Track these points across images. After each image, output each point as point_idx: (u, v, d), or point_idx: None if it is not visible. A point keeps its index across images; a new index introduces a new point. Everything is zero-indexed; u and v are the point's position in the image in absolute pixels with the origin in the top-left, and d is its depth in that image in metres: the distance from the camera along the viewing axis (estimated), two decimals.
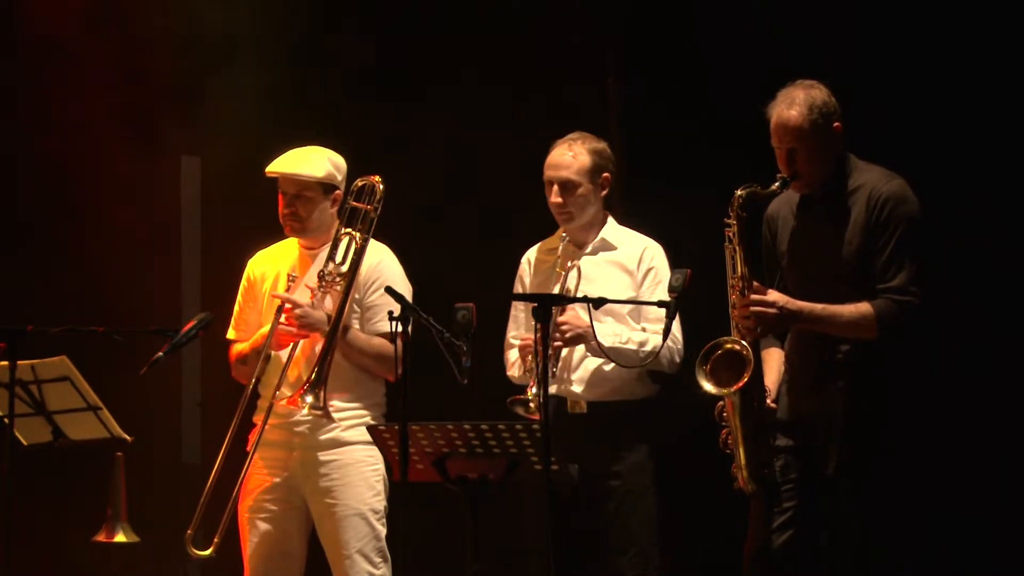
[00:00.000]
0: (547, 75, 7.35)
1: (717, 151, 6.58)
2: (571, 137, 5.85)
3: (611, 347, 5.60)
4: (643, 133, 7.18)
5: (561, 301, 5.53)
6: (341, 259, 5.72)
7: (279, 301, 5.71)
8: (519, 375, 5.81)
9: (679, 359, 5.73)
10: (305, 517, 5.80)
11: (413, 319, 5.08)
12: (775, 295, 5.24)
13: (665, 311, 5.50)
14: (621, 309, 5.72)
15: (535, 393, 5.53)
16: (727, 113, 6.33)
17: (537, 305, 5.11)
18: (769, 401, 5.32)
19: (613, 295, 5.48)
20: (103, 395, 5.87)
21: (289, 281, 5.78)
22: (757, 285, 5.25)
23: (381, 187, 5.75)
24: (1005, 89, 6.56)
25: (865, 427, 5.17)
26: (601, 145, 5.86)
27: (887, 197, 5.20)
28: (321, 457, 5.74)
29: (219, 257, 7.35)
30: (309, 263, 5.85)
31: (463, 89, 7.43)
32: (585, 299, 5.26)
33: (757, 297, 5.22)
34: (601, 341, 5.55)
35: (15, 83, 7.56)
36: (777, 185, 5.28)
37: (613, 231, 5.90)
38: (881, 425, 5.17)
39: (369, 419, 5.74)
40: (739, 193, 5.27)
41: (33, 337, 5.66)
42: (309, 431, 5.74)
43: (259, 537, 5.77)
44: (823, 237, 5.28)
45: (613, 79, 7.38)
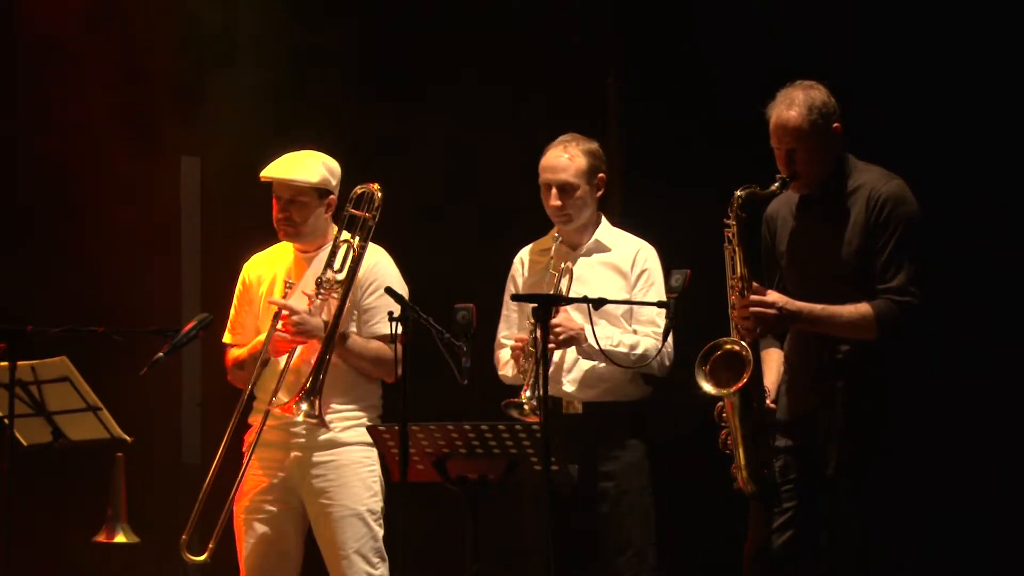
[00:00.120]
0: (547, 75, 7.35)
1: (717, 151, 6.58)
2: (564, 139, 5.84)
3: (603, 350, 5.59)
4: (643, 133, 7.19)
5: (561, 302, 5.52)
6: (339, 267, 5.73)
7: (276, 307, 5.71)
8: (512, 375, 5.81)
9: (669, 362, 5.73)
10: (302, 518, 5.80)
11: (413, 320, 5.08)
12: (774, 295, 5.24)
13: (661, 314, 5.55)
14: (615, 311, 5.73)
15: (528, 396, 5.53)
16: (727, 113, 6.33)
17: (536, 305, 5.12)
18: (768, 401, 5.32)
19: (607, 296, 5.47)
20: (103, 395, 5.87)
21: (286, 287, 5.78)
22: (756, 286, 5.25)
23: (380, 195, 5.75)
24: (1005, 89, 6.56)
25: (865, 427, 5.17)
26: (594, 145, 5.86)
27: (886, 197, 5.20)
28: (317, 458, 5.74)
29: (219, 257, 7.35)
30: (304, 267, 5.85)
31: (463, 89, 7.42)
32: (585, 299, 5.26)
33: (756, 298, 5.22)
34: (593, 343, 5.55)
35: (15, 83, 7.56)
36: (776, 185, 5.27)
37: (607, 232, 5.89)
38: (881, 425, 5.17)
39: (366, 420, 5.75)
40: (738, 194, 5.27)
41: (33, 337, 5.66)
42: (306, 432, 5.74)
43: (255, 538, 5.78)
44: (822, 237, 5.28)
45: (613, 79, 7.38)
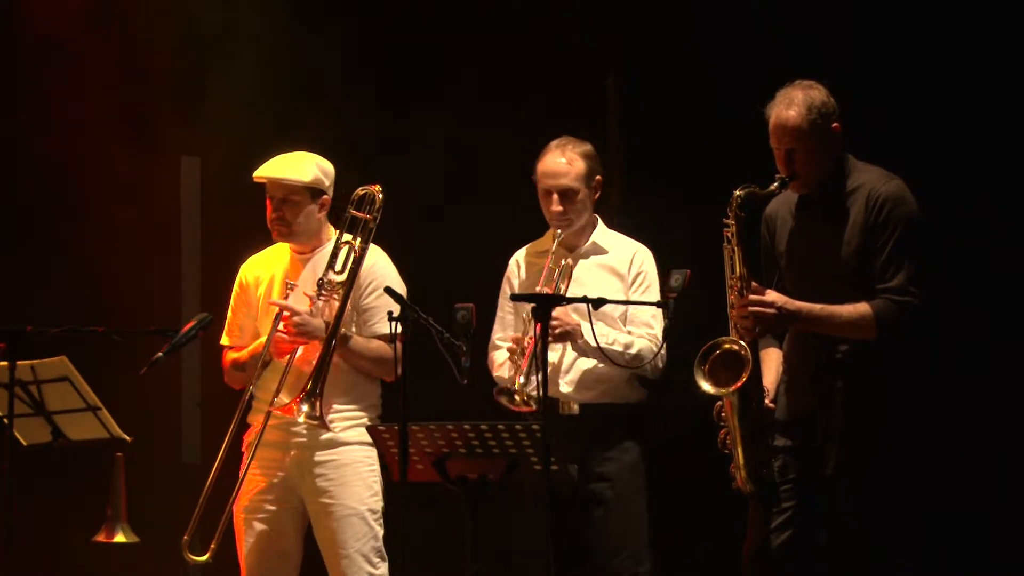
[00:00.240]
0: (547, 75, 7.35)
1: (716, 151, 6.58)
2: (559, 144, 5.83)
3: (599, 347, 5.58)
4: (643, 133, 7.19)
5: (561, 302, 5.53)
6: (340, 268, 5.73)
7: (276, 308, 5.71)
8: (507, 376, 5.80)
9: (662, 364, 5.73)
10: (301, 517, 5.80)
11: (412, 319, 5.09)
12: (773, 295, 5.24)
13: (656, 316, 5.56)
14: (612, 312, 5.73)
15: (521, 384, 5.54)
16: (727, 113, 6.32)
17: (536, 305, 5.13)
18: (767, 401, 5.32)
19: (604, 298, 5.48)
20: (103, 395, 5.87)
21: (287, 288, 5.78)
22: (755, 285, 5.24)
23: (381, 196, 5.75)
24: (1005, 89, 6.56)
25: (864, 427, 5.16)
26: (589, 147, 5.86)
27: (886, 197, 5.20)
28: (318, 457, 5.75)
29: (219, 257, 7.35)
30: (301, 268, 5.85)
31: (463, 89, 7.43)
32: (585, 299, 5.26)
33: (756, 297, 5.21)
34: (588, 340, 5.55)
35: (15, 83, 7.56)
36: (776, 185, 5.27)
37: (603, 235, 5.90)
38: (880, 425, 5.17)
39: (366, 420, 5.75)
40: (737, 193, 5.27)
41: (33, 337, 5.66)
42: (307, 432, 5.74)
43: (255, 537, 5.78)
44: (821, 237, 5.28)
45: (613, 79, 7.38)
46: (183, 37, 7.63)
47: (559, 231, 5.80)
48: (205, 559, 5.63)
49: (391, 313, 5.10)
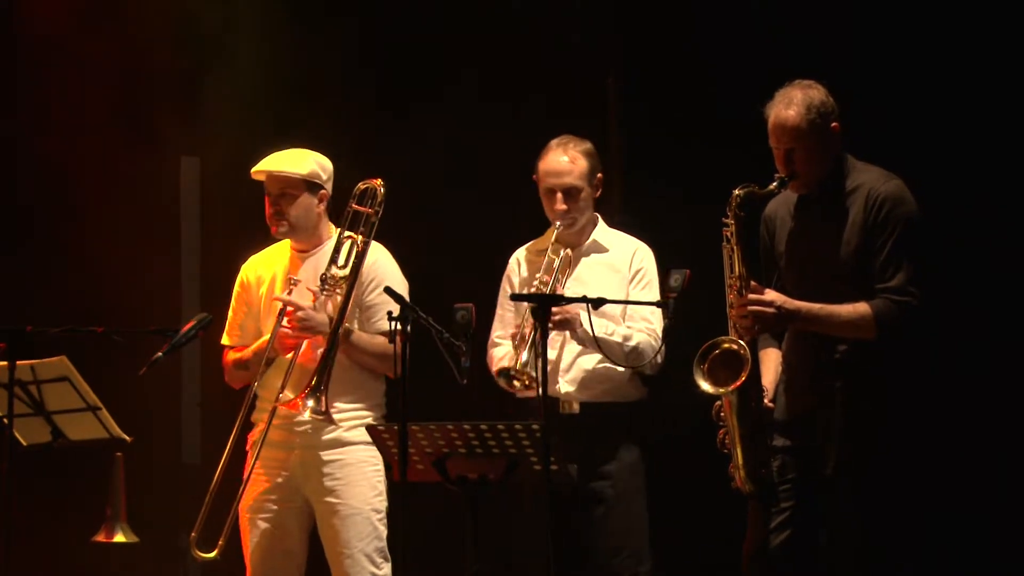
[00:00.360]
0: (547, 75, 7.35)
1: (716, 151, 6.58)
2: (561, 142, 5.84)
3: (596, 337, 5.58)
4: (643, 133, 7.19)
5: (561, 301, 5.53)
6: (343, 263, 5.73)
7: (280, 304, 5.71)
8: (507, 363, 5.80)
9: (661, 359, 5.73)
10: (306, 516, 5.80)
11: (412, 319, 5.09)
12: (773, 294, 5.24)
13: (655, 311, 5.55)
14: (613, 310, 5.73)
15: (523, 363, 5.54)
16: (726, 113, 6.33)
17: (536, 305, 5.13)
18: (767, 401, 5.32)
19: (605, 296, 5.47)
20: (103, 395, 5.86)
21: (291, 284, 5.78)
22: (755, 284, 5.25)
23: (382, 191, 5.75)
24: (1005, 89, 6.56)
25: (864, 427, 5.16)
26: (590, 146, 5.87)
27: (885, 197, 5.20)
28: (324, 457, 5.75)
29: (218, 257, 7.35)
30: (301, 266, 5.85)
31: (463, 89, 7.43)
32: (584, 299, 5.26)
33: (755, 296, 5.21)
34: (587, 329, 5.55)
35: (15, 83, 7.56)
36: (775, 185, 5.27)
37: (604, 233, 5.91)
38: (880, 425, 5.17)
39: (371, 420, 5.75)
40: (737, 193, 5.27)
41: (33, 337, 5.66)
42: (311, 431, 5.74)
43: (260, 536, 5.78)
44: (821, 237, 5.28)
45: (613, 79, 7.38)
46: (183, 37, 7.63)
47: (558, 224, 5.81)
48: (213, 555, 5.64)
49: (391, 313, 5.09)
